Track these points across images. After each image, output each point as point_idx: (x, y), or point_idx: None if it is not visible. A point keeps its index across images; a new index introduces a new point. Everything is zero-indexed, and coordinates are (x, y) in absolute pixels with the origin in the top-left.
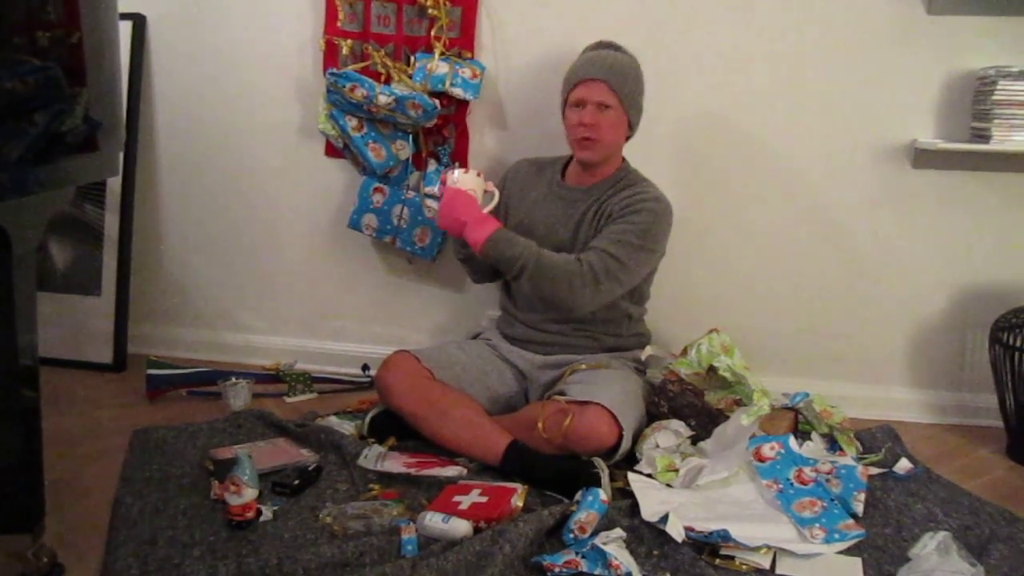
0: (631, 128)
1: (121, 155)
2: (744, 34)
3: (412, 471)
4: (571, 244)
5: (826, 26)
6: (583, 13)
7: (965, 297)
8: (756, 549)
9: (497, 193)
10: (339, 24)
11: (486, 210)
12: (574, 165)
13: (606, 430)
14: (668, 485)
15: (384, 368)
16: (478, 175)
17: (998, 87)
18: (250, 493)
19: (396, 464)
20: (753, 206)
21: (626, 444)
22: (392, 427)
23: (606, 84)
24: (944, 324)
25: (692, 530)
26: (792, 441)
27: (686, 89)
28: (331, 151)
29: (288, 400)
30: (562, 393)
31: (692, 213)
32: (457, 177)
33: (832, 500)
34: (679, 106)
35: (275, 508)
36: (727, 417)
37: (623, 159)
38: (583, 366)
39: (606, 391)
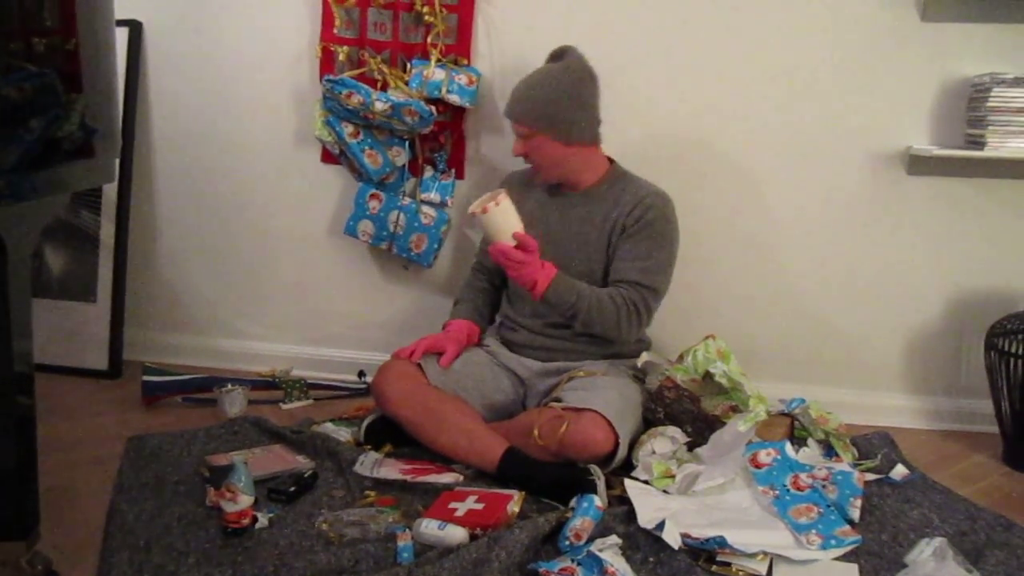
0: (571, 136)
1: (117, 161)
2: (740, 41)
3: (408, 478)
4: (576, 251)
5: (821, 33)
6: (579, 20)
7: (960, 303)
8: (753, 555)
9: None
10: (335, 31)
11: (519, 225)
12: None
13: (602, 437)
14: (664, 491)
15: (380, 375)
16: (505, 197)
17: (992, 94)
18: (246, 500)
19: (392, 471)
20: (749, 212)
21: (622, 451)
22: (388, 434)
23: (517, 120)
24: (940, 330)
25: (688, 536)
26: (788, 447)
27: (682, 94)
28: (327, 157)
29: (284, 407)
30: (558, 400)
31: (688, 219)
32: (498, 221)
33: (828, 506)
34: (674, 112)
35: (271, 515)
36: (723, 423)
37: (609, 160)
38: (581, 373)
39: (602, 398)
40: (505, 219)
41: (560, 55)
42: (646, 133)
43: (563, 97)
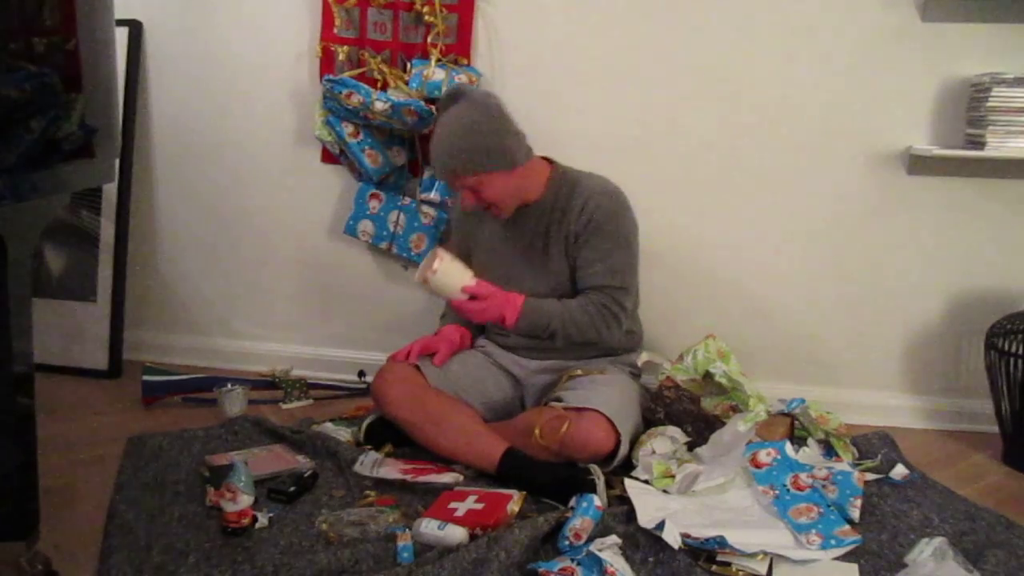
0: (513, 161)
1: (117, 161)
2: (740, 41)
3: (408, 478)
4: (539, 267)
5: (821, 33)
6: (579, 20)
7: (961, 303)
8: (752, 555)
9: (441, 254)
10: (335, 30)
11: (465, 278)
12: None
13: (603, 436)
14: (664, 491)
15: (379, 377)
16: (440, 259)
17: (992, 94)
18: (246, 500)
19: (392, 471)
20: (748, 212)
21: (623, 450)
22: (388, 434)
23: (451, 176)
24: (940, 330)
25: (688, 536)
26: (788, 447)
27: (682, 93)
28: (327, 157)
29: (284, 406)
30: (558, 399)
31: (688, 220)
32: (445, 279)
33: (828, 506)
34: (673, 113)
35: (271, 515)
36: (723, 423)
37: (549, 164)
38: (579, 372)
39: (603, 397)
40: (449, 278)
41: (455, 97)
42: (646, 132)
43: (486, 131)
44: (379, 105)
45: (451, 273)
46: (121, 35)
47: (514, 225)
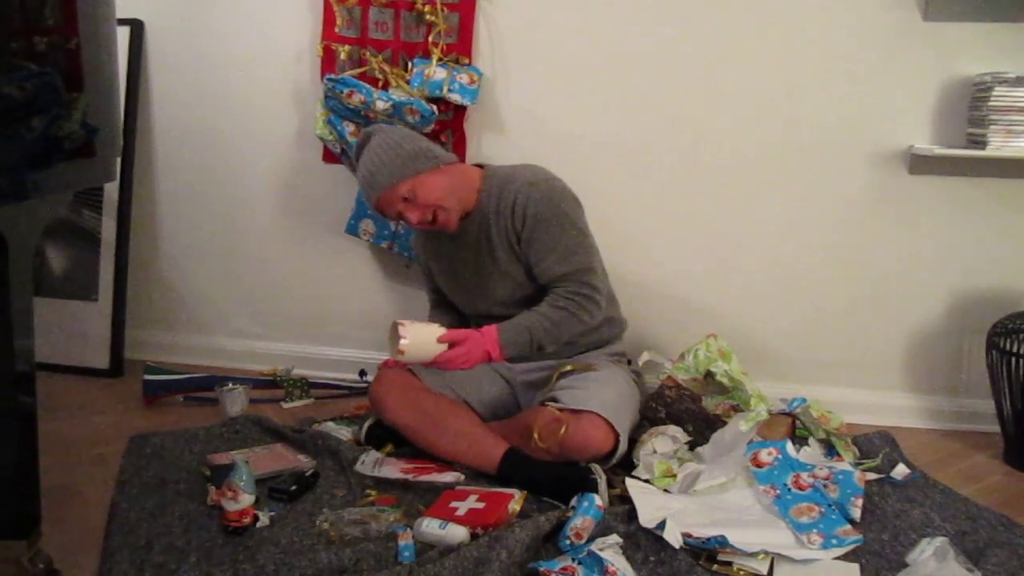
0: (438, 159)
1: (118, 160)
2: (741, 40)
3: (409, 477)
4: (498, 277)
5: (823, 32)
6: (580, 19)
7: (962, 302)
8: (754, 555)
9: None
10: (337, 30)
11: (435, 332)
12: None
13: (602, 437)
14: (666, 491)
15: (376, 383)
16: (402, 326)
17: (994, 93)
18: (247, 499)
19: (393, 470)
20: (750, 212)
21: (623, 447)
22: (388, 436)
23: (390, 186)
24: (941, 329)
25: (690, 536)
26: (789, 446)
27: (683, 94)
28: (328, 156)
29: (285, 406)
30: (554, 399)
31: (689, 219)
32: (416, 343)
33: (830, 505)
34: (675, 112)
35: (272, 514)
36: (724, 423)
37: (479, 168)
38: (569, 367)
39: (599, 397)
40: (421, 345)
41: (367, 136)
42: (647, 131)
43: (402, 141)
44: (380, 104)
45: (420, 334)
46: (123, 34)
47: (460, 240)
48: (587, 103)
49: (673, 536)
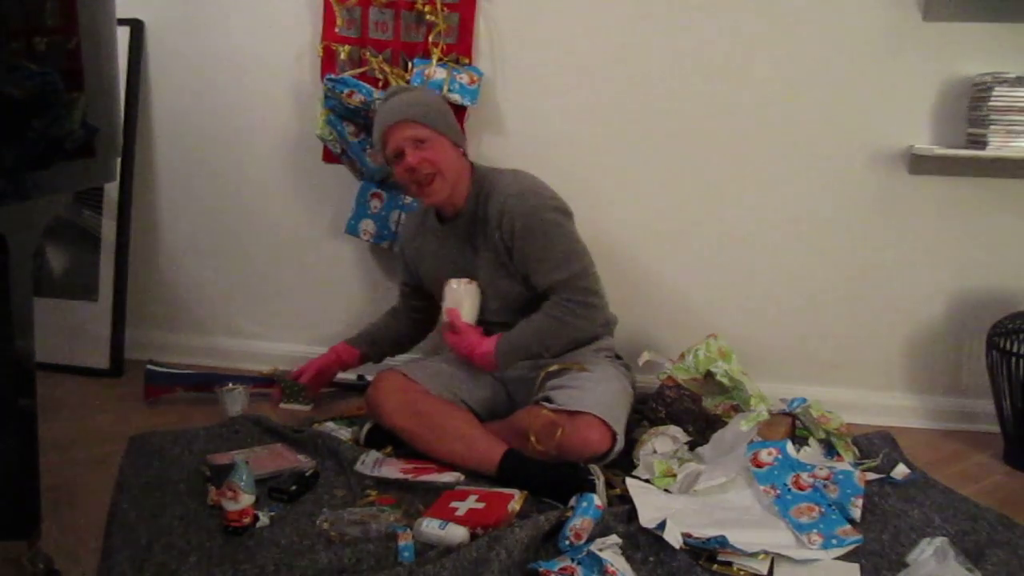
0: (459, 139)
1: (118, 160)
2: (741, 40)
3: (409, 477)
4: (479, 276)
5: (822, 32)
6: (580, 19)
7: (962, 303)
8: (754, 555)
9: (464, 286)
10: (337, 30)
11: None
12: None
13: (599, 438)
14: (666, 491)
15: (373, 388)
16: (455, 288)
17: (994, 93)
18: (247, 499)
19: (393, 470)
20: (750, 212)
21: (619, 444)
22: (388, 438)
23: (410, 122)
24: (941, 330)
25: (690, 536)
26: (790, 446)
27: (683, 94)
28: (329, 157)
29: (284, 406)
30: (548, 399)
31: (689, 219)
32: (451, 304)
33: (830, 506)
34: (675, 111)
35: (272, 514)
36: (724, 423)
37: (471, 166)
38: (554, 367)
39: (592, 397)
40: (465, 299)
41: (402, 90)
42: (646, 131)
43: (444, 103)
44: None
45: (469, 296)
46: (123, 34)
47: (452, 235)
48: (587, 103)
49: (673, 536)
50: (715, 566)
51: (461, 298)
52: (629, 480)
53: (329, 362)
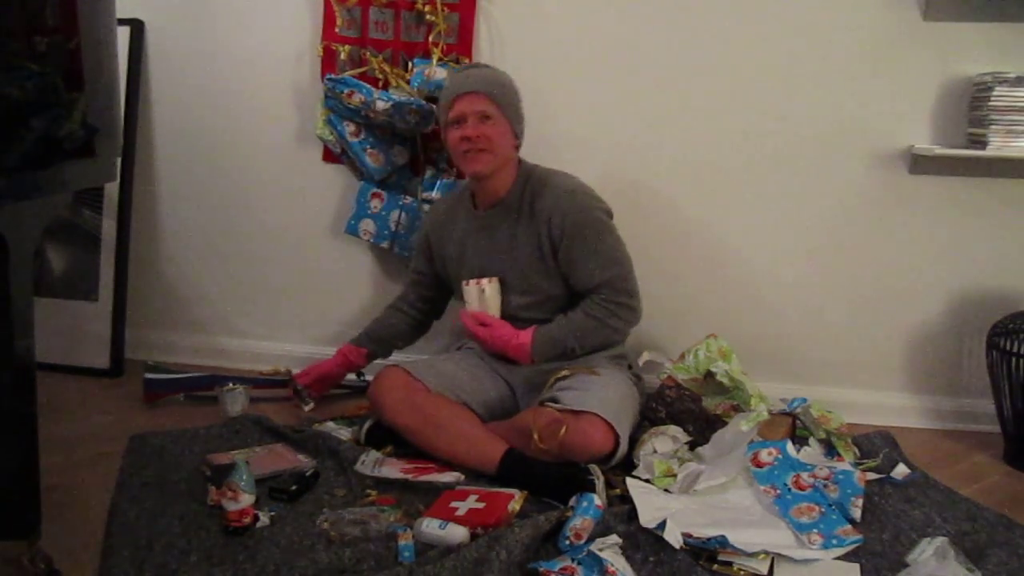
0: (517, 137)
1: (119, 160)
2: (741, 41)
3: (409, 477)
4: (514, 272)
5: (822, 32)
6: (580, 19)
7: (962, 302)
8: (754, 555)
9: (488, 283)
10: (337, 30)
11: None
12: (476, 188)
13: (601, 439)
14: (666, 491)
15: (376, 384)
16: (483, 288)
17: (995, 93)
18: (247, 499)
19: (393, 470)
20: (750, 211)
21: (622, 449)
22: (389, 437)
23: (484, 95)
24: (941, 329)
25: (690, 536)
26: (790, 446)
27: (682, 93)
28: (329, 157)
29: (306, 409)
30: (554, 400)
31: (689, 220)
32: (476, 303)
33: (830, 505)
34: (675, 112)
35: (272, 514)
36: (725, 422)
37: (520, 160)
38: (565, 372)
39: (599, 398)
40: (484, 300)
41: (483, 65)
42: (645, 132)
43: (518, 96)
44: (381, 104)
45: (495, 293)
46: (123, 34)
47: (487, 225)
48: (587, 103)
49: (673, 536)
50: (715, 566)
51: (488, 295)
52: (629, 480)
53: (335, 366)
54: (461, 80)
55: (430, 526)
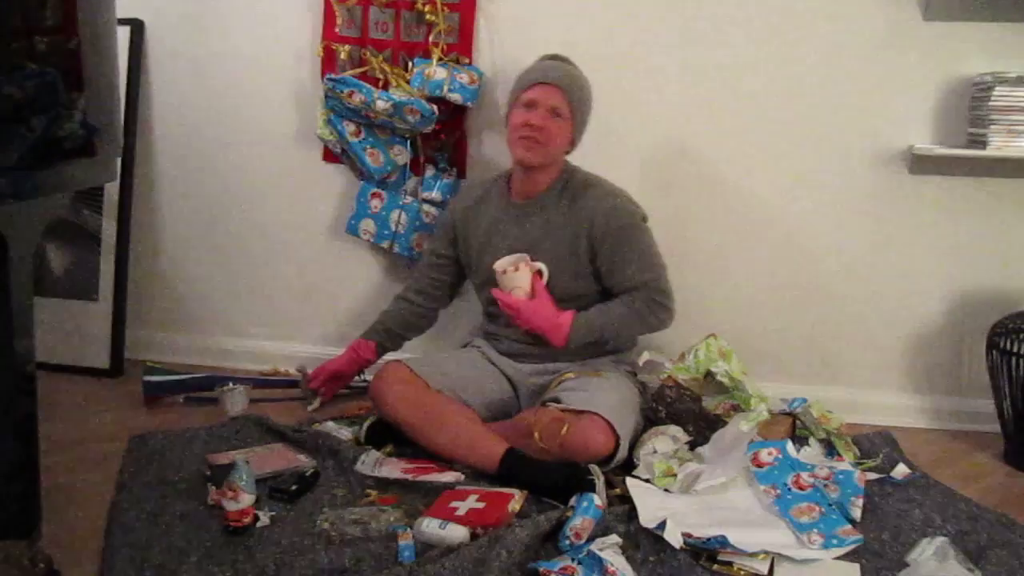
0: (573, 143)
1: (119, 160)
2: (741, 41)
3: (409, 476)
4: (531, 247)
5: (823, 32)
6: (579, 20)
7: (963, 302)
8: (754, 555)
9: (539, 267)
10: (337, 30)
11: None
12: (517, 176)
13: (603, 439)
14: (666, 490)
15: (378, 379)
16: (516, 269)
17: (995, 93)
18: (247, 499)
19: (393, 470)
20: (751, 211)
21: (622, 452)
22: (389, 436)
23: (563, 91)
24: (942, 329)
25: (690, 536)
26: (790, 446)
27: (682, 93)
28: (329, 156)
29: (309, 408)
30: (557, 400)
31: (689, 218)
32: (512, 280)
33: (830, 505)
34: (675, 111)
35: (272, 514)
36: (725, 422)
37: (564, 160)
38: (571, 374)
39: (602, 399)
40: (515, 280)
41: (567, 60)
42: (646, 133)
43: (591, 104)
44: (381, 104)
45: (519, 278)
46: (123, 34)
47: (518, 215)
48: None
49: (673, 536)
50: (715, 566)
51: (527, 273)
52: (629, 480)
53: (345, 363)
54: (547, 68)
55: (430, 526)
